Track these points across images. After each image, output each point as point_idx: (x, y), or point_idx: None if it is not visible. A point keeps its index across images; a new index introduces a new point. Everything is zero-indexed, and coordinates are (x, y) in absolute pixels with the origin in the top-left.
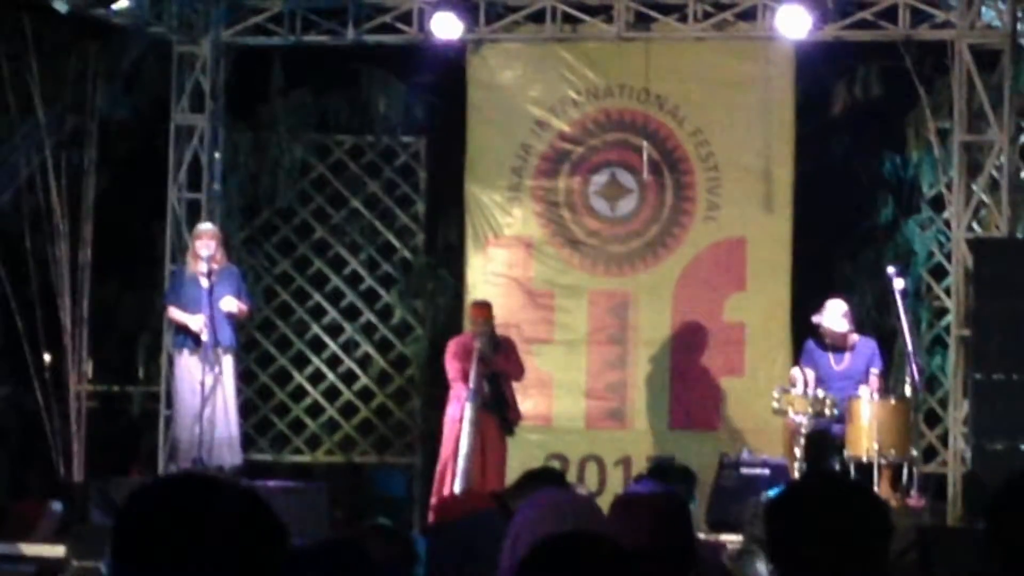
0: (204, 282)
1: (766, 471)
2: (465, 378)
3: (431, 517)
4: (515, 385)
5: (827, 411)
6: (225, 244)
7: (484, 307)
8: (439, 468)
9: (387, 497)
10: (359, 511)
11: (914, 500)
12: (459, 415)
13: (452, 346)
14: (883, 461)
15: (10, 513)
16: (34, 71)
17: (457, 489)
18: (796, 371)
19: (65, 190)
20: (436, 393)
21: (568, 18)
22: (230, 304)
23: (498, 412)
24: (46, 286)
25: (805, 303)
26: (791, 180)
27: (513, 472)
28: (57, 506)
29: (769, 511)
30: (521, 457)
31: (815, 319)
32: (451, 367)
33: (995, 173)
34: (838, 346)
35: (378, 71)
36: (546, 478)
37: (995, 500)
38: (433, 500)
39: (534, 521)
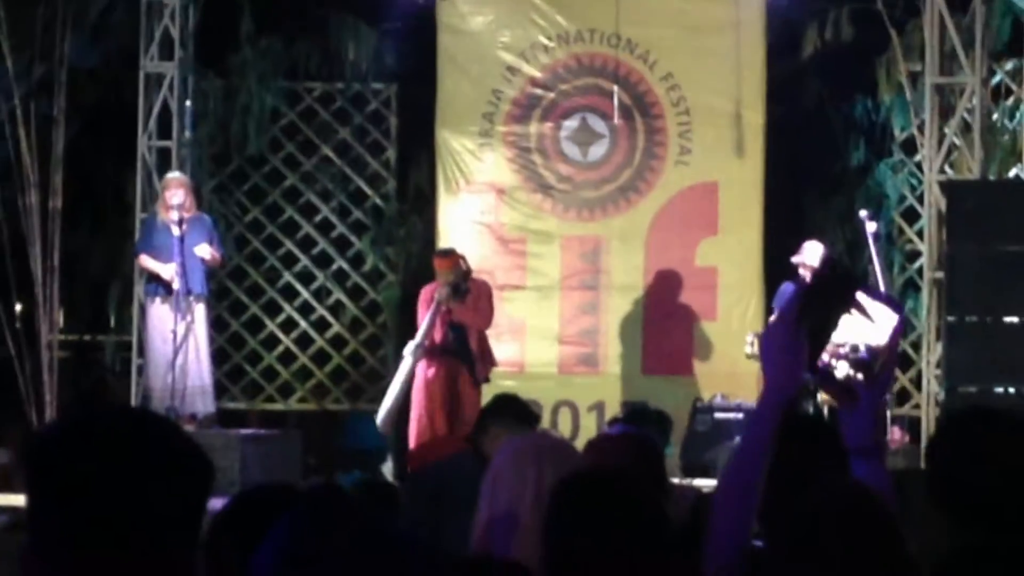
0: (175, 230)
1: (740, 415)
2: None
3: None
4: (488, 332)
5: None
6: (195, 192)
7: (445, 256)
8: (414, 423)
9: (361, 446)
10: (334, 459)
11: (896, 438)
12: (424, 367)
13: (423, 294)
14: None
15: None
16: (1, 20)
17: (378, 424)
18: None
19: (34, 139)
20: (409, 340)
21: None
22: (204, 251)
23: (466, 363)
24: (16, 236)
25: (777, 247)
26: (762, 124)
27: None
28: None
29: None
30: None
31: (795, 259)
32: (420, 316)
33: (967, 115)
34: None
35: (348, 17)
36: (503, 410)
37: (934, 443)
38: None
39: (511, 466)
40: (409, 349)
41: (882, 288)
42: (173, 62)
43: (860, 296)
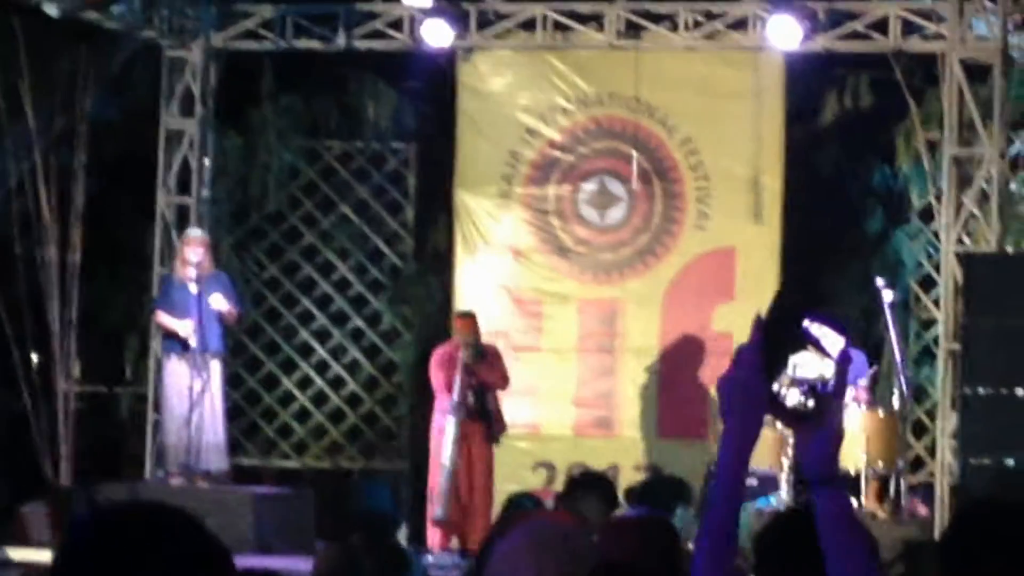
0: (192, 288)
1: (754, 481)
2: (449, 388)
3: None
4: (502, 392)
5: None
6: (213, 250)
7: (469, 317)
8: (430, 483)
9: (376, 510)
10: (346, 520)
11: (919, 509)
12: (443, 426)
13: (436, 356)
14: (871, 472)
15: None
16: (24, 74)
17: (438, 511)
18: None
19: (54, 193)
20: (424, 399)
21: (559, 26)
22: (218, 301)
23: (484, 422)
24: (34, 288)
25: None
26: (780, 190)
27: (500, 481)
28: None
29: (755, 543)
30: (510, 465)
31: None
32: (435, 377)
33: (985, 186)
34: None
35: (368, 77)
36: (596, 488)
37: (948, 537)
38: (430, 519)
39: (513, 557)
40: (450, 411)
41: (897, 357)
42: (193, 118)
43: (810, 326)
